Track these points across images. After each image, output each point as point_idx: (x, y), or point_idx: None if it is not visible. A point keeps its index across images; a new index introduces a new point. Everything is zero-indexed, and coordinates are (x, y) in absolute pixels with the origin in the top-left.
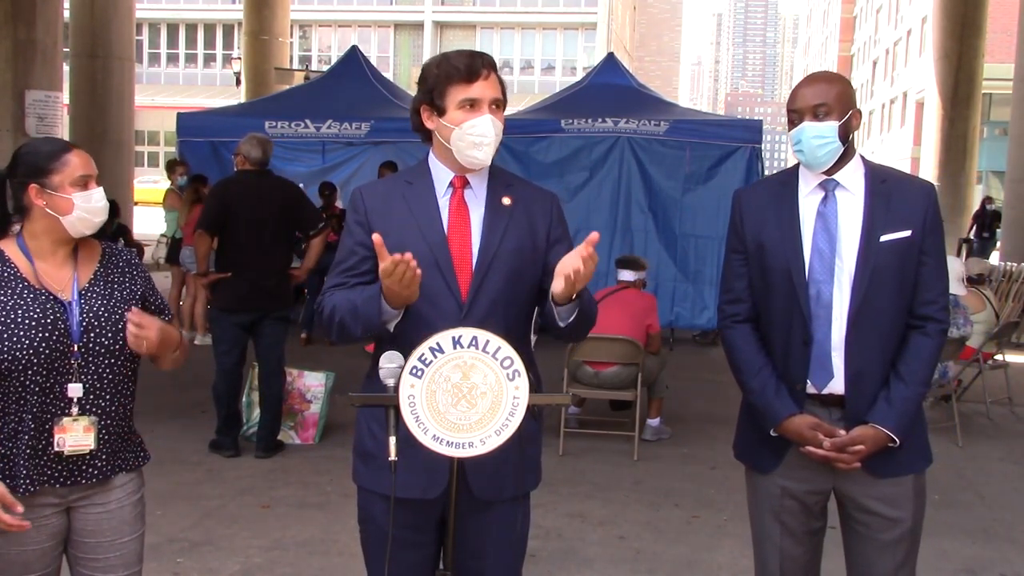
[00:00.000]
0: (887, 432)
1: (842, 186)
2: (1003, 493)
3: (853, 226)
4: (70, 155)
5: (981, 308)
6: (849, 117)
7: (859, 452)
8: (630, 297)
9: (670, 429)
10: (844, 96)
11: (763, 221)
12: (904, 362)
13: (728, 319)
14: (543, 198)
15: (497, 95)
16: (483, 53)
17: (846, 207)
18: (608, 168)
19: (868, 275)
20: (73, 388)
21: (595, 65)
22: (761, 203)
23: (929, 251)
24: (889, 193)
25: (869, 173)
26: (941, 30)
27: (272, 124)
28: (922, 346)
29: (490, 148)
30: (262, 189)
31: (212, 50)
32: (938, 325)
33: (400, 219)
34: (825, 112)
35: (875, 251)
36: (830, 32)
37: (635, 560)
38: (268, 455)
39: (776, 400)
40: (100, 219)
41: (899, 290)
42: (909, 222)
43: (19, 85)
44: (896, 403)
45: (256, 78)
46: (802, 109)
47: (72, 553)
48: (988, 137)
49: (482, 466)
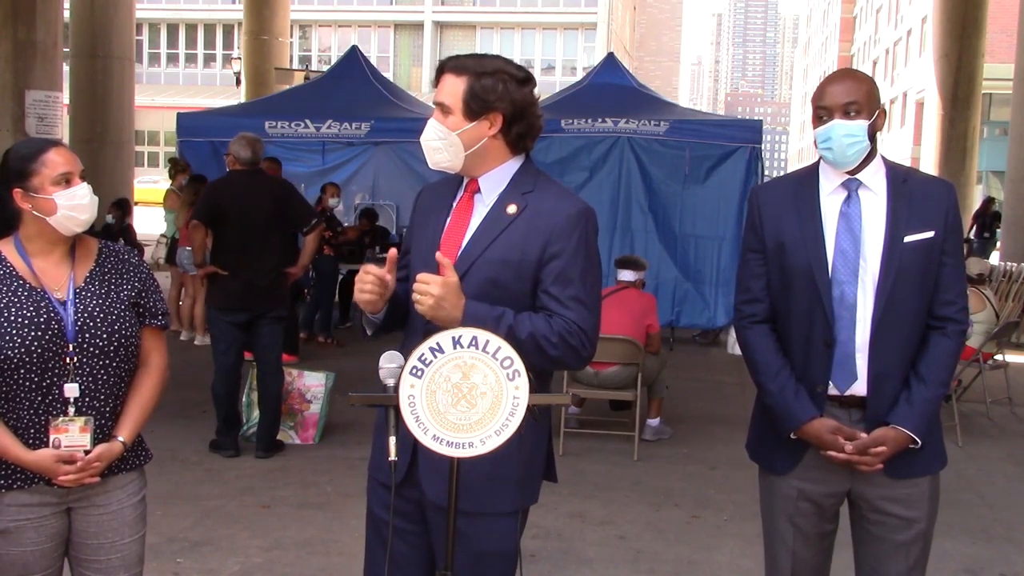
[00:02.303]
0: (909, 433)
1: (865, 186)
2: (1003, 493)
3: (877, 226)
4: (48, 154)
5: (981, 308)
6: (876, 116)
7: (881, 454)
8: (630, 297)
9: (670, 429)
10: (872, 95)
11: (783, 220)
12: (924, 363)
13: (745, 319)
14: (555, 211)
15: (439, 99)
16: (456, 56)
17: (869, 207)
18: (608, 168)
19: (893, 276)
20: (69, 388)
21: (595, 65)
22: (781, 201)
23: (949, 251)
24: (911, 193)
25: (890, 173)
26: (941, 30)
27: (272, 124)
28: (942, 347)
29: (434, 153)
30: (252, 189)
31: (212, 50)
32: (957, 326)
33: (428, 217)
34: (856, 111)
35: (899, 252)
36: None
37: (635, 560)
38: (268, 455)
39: (795, 403)
40: (87, 216)
41: (922, 291)
42: (932, 222)
43: (19, 85)
44: (917, 404)
45: (256, 78)
46: (832, 106)
47: (73, 555)
48: (988, 137)
49: (437, 470)
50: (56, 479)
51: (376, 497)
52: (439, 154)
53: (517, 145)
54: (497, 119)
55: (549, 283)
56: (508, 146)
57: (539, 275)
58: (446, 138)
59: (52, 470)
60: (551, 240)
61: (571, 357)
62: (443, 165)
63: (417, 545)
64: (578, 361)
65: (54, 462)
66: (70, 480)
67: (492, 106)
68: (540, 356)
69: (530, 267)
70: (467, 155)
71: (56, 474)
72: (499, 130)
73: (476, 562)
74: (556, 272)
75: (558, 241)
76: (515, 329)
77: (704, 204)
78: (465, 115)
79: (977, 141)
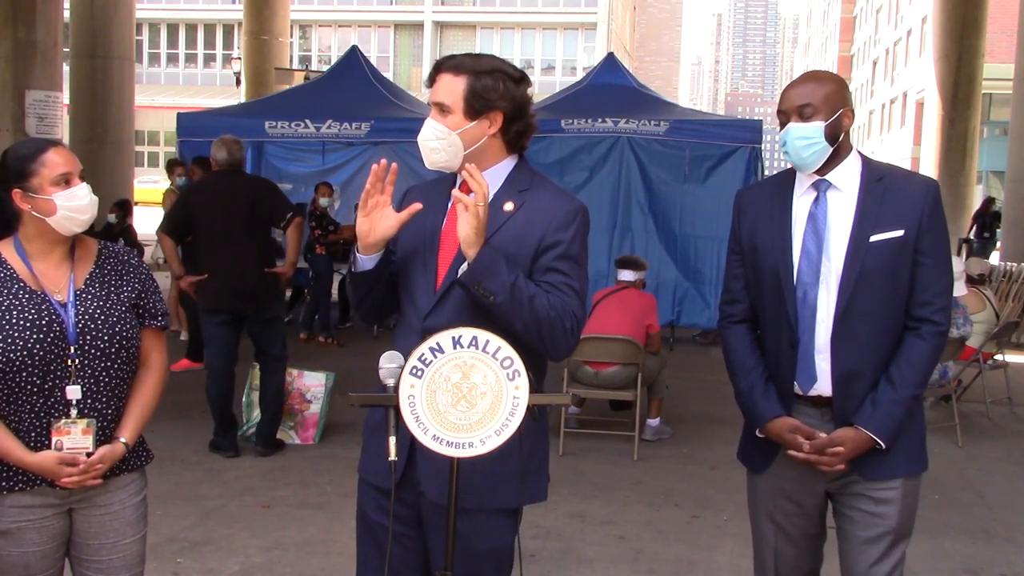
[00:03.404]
0: (869, 434)
1: (834, 186)
2: (1003, 493)
3: (843, 227)
4: (47, 154)
5: (981, 308)
6: (838, 117)
7: (839, 454)
8: (630, 297)
9: (670, 429)
10: (832, 96)
11: (758, 222)
12: (895, 364)
13: (726, 319)
14: (553, 207)
15: (438, 98)
16: (451, 55)
17: (837, 207)
18: (608, 168)
19: (855, 277)
20: (71, 390)
21: (595, 65)
22: (758, 204)
23: (927, 251)
24: (884, 191)
25: (865, 171)
26: (941, 30)
27: (272, 124)
28: (914, 348)
29: (431, 153)
30: (228, 190)
31: (212, 50)
32: (934, 327)
33: (420, 217)
34: (811, 113)
35: (863, 252)
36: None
37: (635, 560)
38: (267, 452)
39: (762, 401)
40: (87, 216)
41: (891, 291)
42: (902, 221)
43: (19, 85)
44: (881, 405)
45: (256, 78)
46: (788, 110)
47: (75, 555)
48: (988, 137)
49: (438, 470)
50: (59, 481)
51: (369, 500)
52: (437, 154)
53: (514, 144)
54: (497, 118)
55: (544, 273)
56: (506, 145)
57: (534, 266)
58: (445, 138)
59: (55, 472)
60: (548, 232)
61: (562, 336)
62: (440, 165)
63: (411, 547)
64: (566, 341)
65: (56, 464)
66: (73, 482)
67: (493, 105)
68: (535, 321)
69: (526, 260)
70: (466, 154)
71: (59, 476)
72: (499, 129)
73: (474, 560)
74: (553, 258)
75: (556, 233)
76: (527, 286)
77: (704, 204)
78: (466, 114)
79: (977, 141)
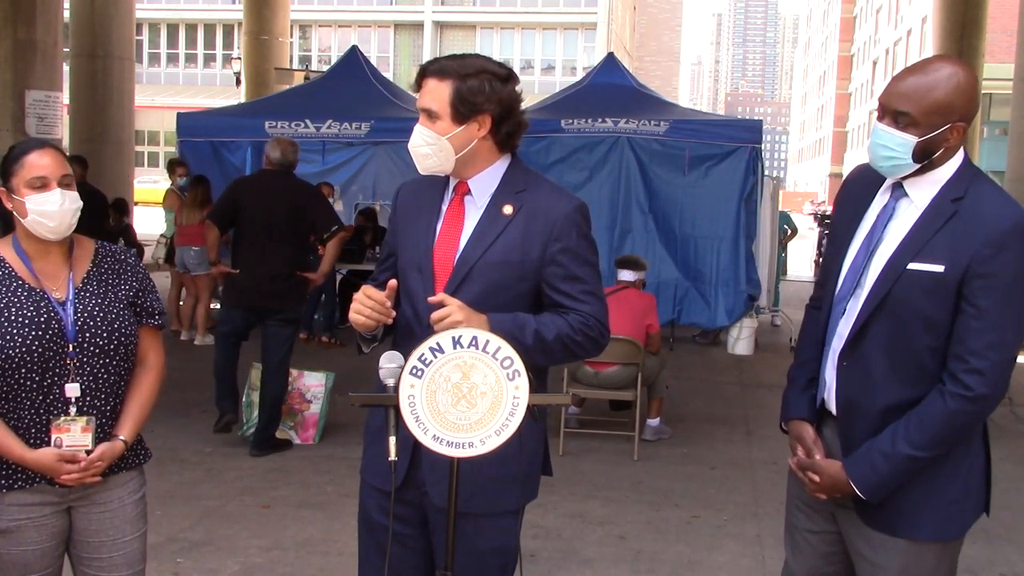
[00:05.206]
0: (846, 478)
1: (907, 196)
2: (1003, 493)
3: (894, 243)
4: (30, 156)
5: None
6: (940, 133)
7: (813, 481)
8: (630, 297)
9: (670, 429)
10: (942, 107)
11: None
12: (908, 415)
13: (811, 301)
14: (552, 209)
15: (424, 104)
16: (435, 59)
17: (901, 220)
18: (608, 168)
19: (878, 301)
20: (71, 388)
21: (595, 65)
22: (853, 191)
23: (972, 298)
24: (952, 214)
25: (948, 186)
26: (941, 30)
27: (272, 124)
28: (929, 405)
29: (424, 159)
30: (274, 189)
31: (212, 50)
32: (960, 389)
33: (414, 219)
34: (906, 123)
35: (895, 277)
36: (830, 32)
37: (635, 560)
38: (260, 454)
39: (792, 395)
40: (55, 223)
41: (920, 331)
42: (948, 257)
43: (19, 85)
44: (870, 453)
45: (256, 78)
46: (884, 106)
47: (75, 553)
48: (988, 137)
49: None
50: (58, 479)
51: (372, 502)
52: (429, 160)
53: (506, 144)
54: (486, 120)
55: (559, 282)
56: (497, 146)
57: (543, 273)
58: (435, 143)
59: (54, 470)
60: (552, 239)
61: (592, 347)
62: (434, 170)
63: (414, 548)
64: (597, 349)
65: (56, 462)
66: (72, 480)
67: (480, 108)
68: (566, 354)
69: (532, 266)
70: (458, 158)
71: (58, 473)
72: (488, 131)
73: (479, 560)
74: (565, 270)
75: (560, 239)
76: (542, 333)
77: (704, 204)
78: (453, 119)
79: (977, 141)
